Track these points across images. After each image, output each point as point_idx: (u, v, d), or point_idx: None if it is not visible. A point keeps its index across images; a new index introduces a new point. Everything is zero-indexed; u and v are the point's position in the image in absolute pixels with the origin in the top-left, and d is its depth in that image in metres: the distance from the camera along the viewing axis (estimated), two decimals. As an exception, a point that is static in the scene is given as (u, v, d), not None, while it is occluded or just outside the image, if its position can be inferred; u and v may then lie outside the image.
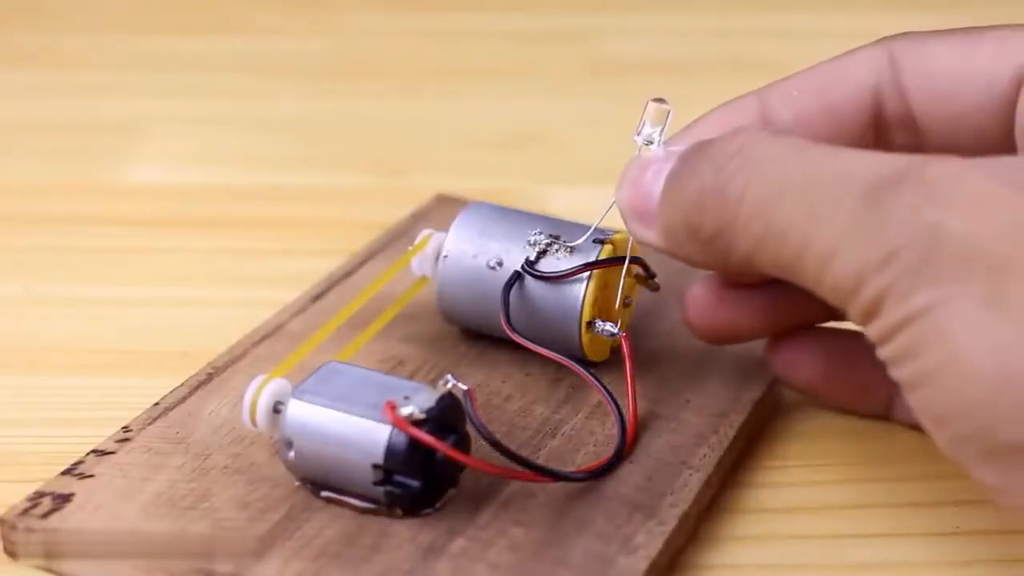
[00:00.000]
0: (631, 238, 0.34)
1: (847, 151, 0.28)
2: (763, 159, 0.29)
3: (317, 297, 0.40)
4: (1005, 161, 0.27)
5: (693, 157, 0.31)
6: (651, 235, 0.32)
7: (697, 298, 0.35)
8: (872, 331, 0.27)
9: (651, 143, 0.33)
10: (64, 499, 0.31)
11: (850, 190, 0.27)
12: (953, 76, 0.32)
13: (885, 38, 0.33)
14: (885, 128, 0.33)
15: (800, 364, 0.36)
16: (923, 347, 0.26)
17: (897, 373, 0.27)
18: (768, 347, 0.36)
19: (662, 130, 0.33)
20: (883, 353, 0.27)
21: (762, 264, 0.29)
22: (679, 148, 0.31)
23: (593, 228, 0.35)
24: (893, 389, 0.35)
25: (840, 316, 0.35)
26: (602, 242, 0.35)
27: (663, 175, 0.31)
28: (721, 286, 0.35)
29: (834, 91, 0.33)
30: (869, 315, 0.27)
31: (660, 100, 0.33)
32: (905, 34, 0.33)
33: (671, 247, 0.31)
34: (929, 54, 0.32)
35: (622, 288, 0.36)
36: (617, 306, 0.36)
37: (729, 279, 0.35)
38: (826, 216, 0.27)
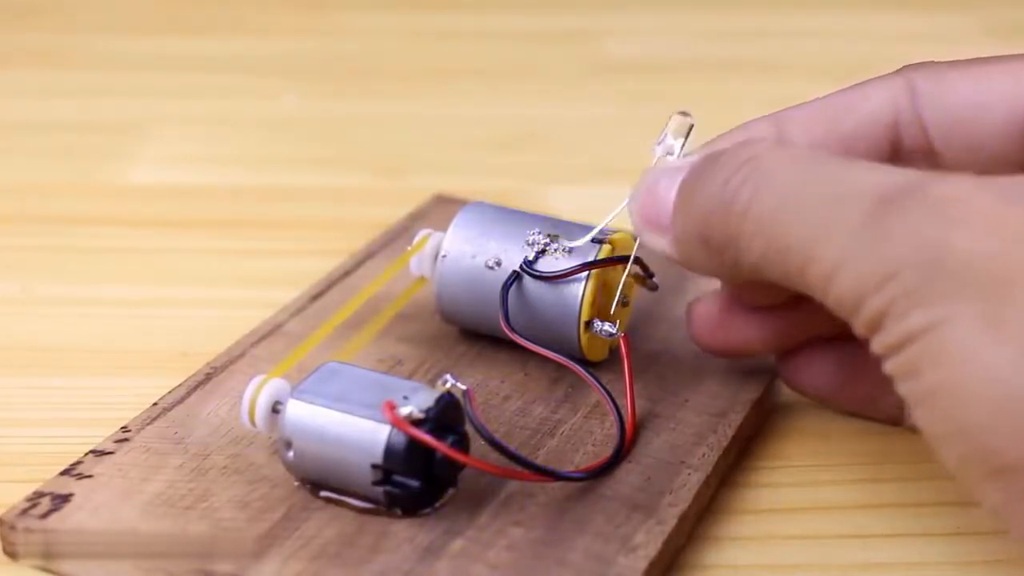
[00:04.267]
0: (637, 240, 0.34)
1: (855, 165, 0.28)
2: (770, 172, 0.29)
3: (316, 297, 0.40)
4: (1016, 180, 0.27)
5: (703, 167, 0.31)
6: (664, 245, 0.32)
7: (704, 314, 0.35)
8: (876, 345, 0.27)
9: (670, 155, 0.33)
10: (63, 499, 0.31)
11: (854, 207, 0.27)
12: (973, 106, 0.32)
13: (904, 67, 0.33)
14: (903, 157, 0.33)
15: (810, 374, 0.36)
16: (923, 367, 0.26)
17: (901, 389, 0.27)
18: (778, 356, 0.36)
19: (683, 143, 0.33)
20: (887, 368, 0.27)
21: (770, 275, 0.29)
22: (692, 159, 0.32)
23: (597, 229, 0.35)
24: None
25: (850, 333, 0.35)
26: (601, 242, 0.35)
27: (675, 186, 0.31)
28: (730, 304, 0.35)
29: (849, 120, 0.33)
30: (872, 330, 0.27)
31: (684, 113, 0.34)
32: (924, 64, 0.33)
33: (684, 258, 0.31)
34: (948, 84, 0.32)
35: (622, 285, 0.35)
36: (615, 306, 0.36)
37: (740, 299, 0.35)
38: (829, 232, 0.27)
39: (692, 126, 0.33)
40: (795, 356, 0.36)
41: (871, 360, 0.32)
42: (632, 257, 0.36)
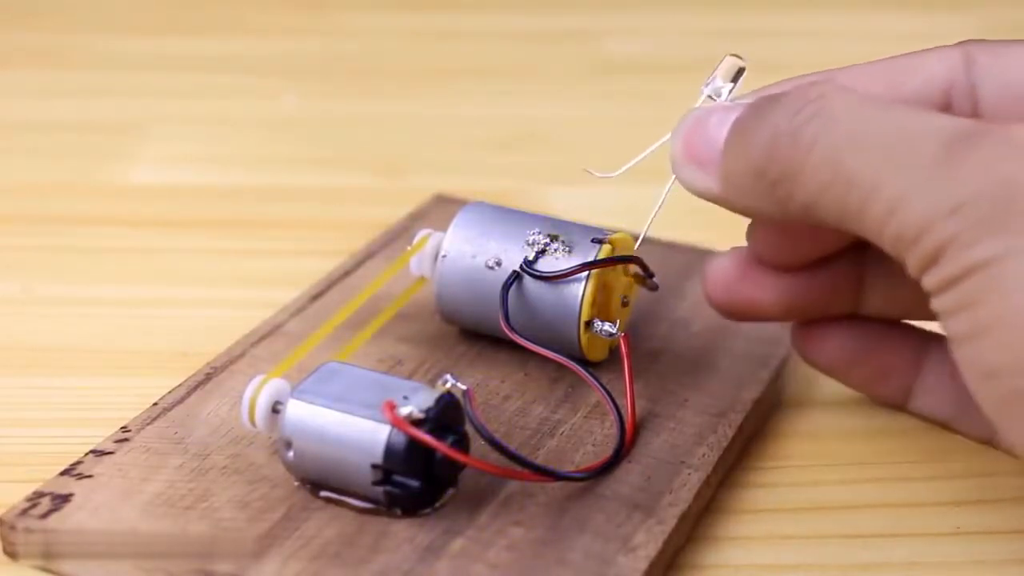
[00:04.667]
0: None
1: (927, 111, 0.28)
2: (841, 108, 0.29)
3: (316, 297, 0.40)
4: None
5: (766, 105, 0.30)
6: (709, 181, 0.31)
7: (720, 271, 0.35)
8: (929, 280, 0.27)
9: (718, 97, 0.33)
10: (63, 499, 0.31)
11: (926, 143, 0.27)
12: None
13: (963, 41, 0.33)
14: None
15: (823, 346, 0.36)
16: (982, 298, 0.26)
17: (951, 325, 0.27)
18: (793, 326, 0.36)
19: (733, 87, 0.33)
20: (938, 304, 0.27)
21: (824, 211, 0.29)
22: (747, 101, 0.31)
23: (635, 162, 0.34)
24: (914, 377, 0.35)
25: (864, 310, 0.35)
26: (600, 242, 0.35)
27: (728, 123, 0.31)
28: (747, 263, 0.35)
29: (904, 84, 0.32)
30: (929, 264, 0.27)
31: (737, 56, 0.33)
32: (983, 40, 0.33)
33: (729, 194, 0.31)
34: (1007, 57, 0.32)
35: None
36: (608, 305, 0.36)
37: (759, 258, 0.34)
38: (900, 164, 0.27)
39: (743, 69, 0.33)
40: (810, 327, 0.36)
41: (885, 336, 0.32)
42: (632, 257, 0.36)
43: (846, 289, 0.35)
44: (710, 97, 0.33)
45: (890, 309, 0.35)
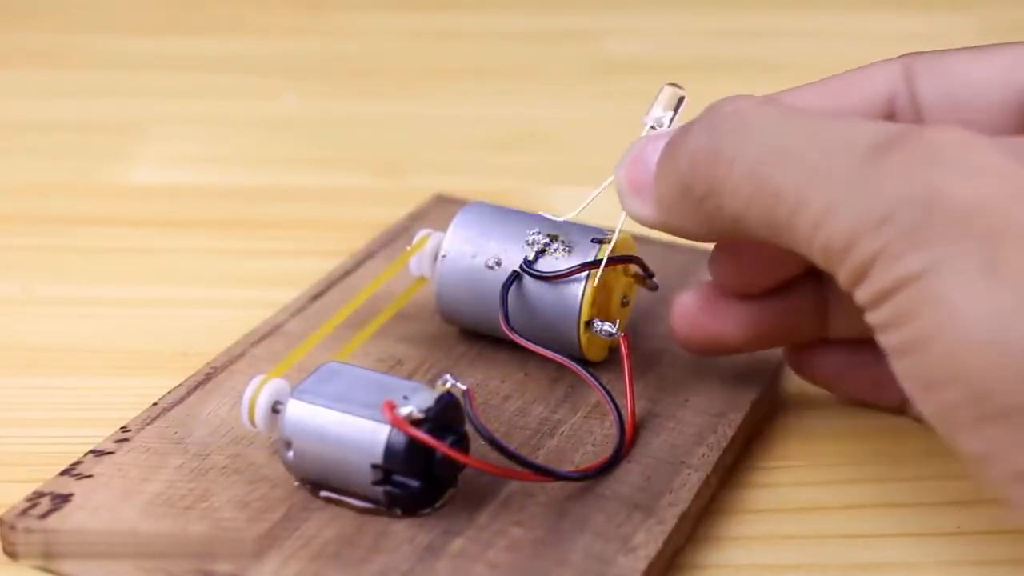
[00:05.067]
0: (619, 226, 0.34)
1: (848, 117, 0.28)
2: (760, 122, 0.29)
3: (316, 297, 0.40)
4: (1009, 140, 0.27)
5: (688, 124, 0.31)
6: (646, 208, 0.32)
7: (684, 307, 0.35)
8: (861, 295, 0.27)
9: (660, 127, 0.33)
10: (63, 499, 0.31)
11: (849, 151, 0.27)
12: (967, 85, 0.32)
13: (905, 54, 0.33)
14: None
15: (817, 362, 0.36)
16: (915, 312, 0.26)
17: (885, 339, 0.27)
18: (786, 346, 0.36)
19: (674, 115, 0.33)
20: (871, 318, 0.27)
21: (753, 225, 0.29)
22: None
23: (585, 205, 0.35)
24: None
25: (831, 334, 0.35)
26: (600, 242, 0.35)
27: (660, 148, 0.31)
28: (708, 296, 0.35)
29: (848, 99, 0.33)
30: (859, 278, 0.27)
31: (675, 85, 0.33)
32: (923, 52, 0.33)
33: (663, 216, 0.31)
34: (945, 65, 0.32)
35: (600, 275, 0.35)
36: (608, 305, 0.36)
37: (723, 288, 0.35)
38: (822, 176, 0.27)
39: (683, 98, 0.33)
40: (802, 344, 0.36)
41: (877, 348, 0.32)
42: (632, 257, 0.36)
43: (811, 313, 0.35)
44: (652, 128, 0.33)
45: (856, 331, 0.34)
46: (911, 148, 0.26)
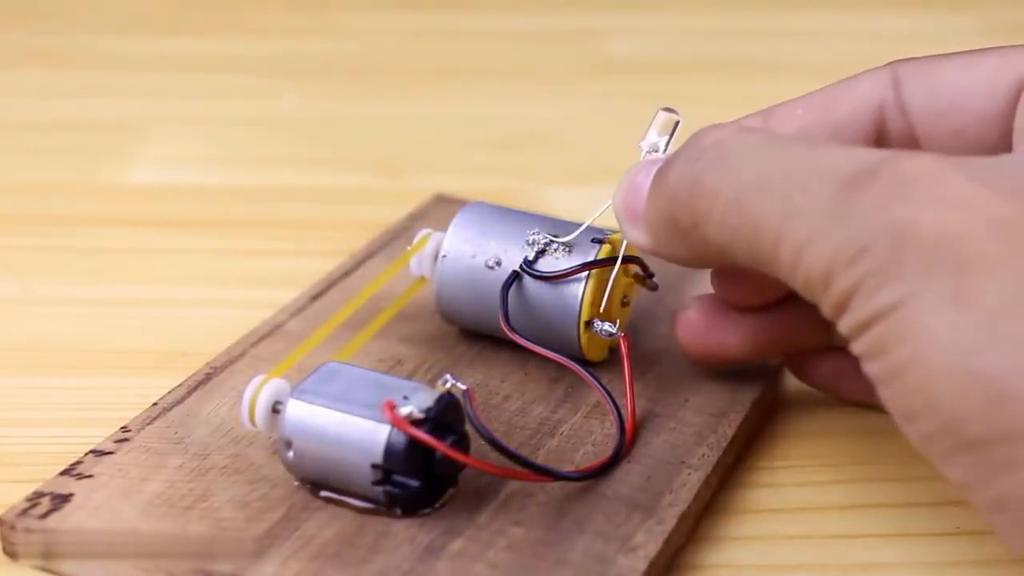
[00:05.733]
0: (624, 240, 0.34)
1: (824, 145, 0.29)
2: (739, 153, 0.29)
3: (316, 297, 0.40)
4: (985, 160, 0.28)
5: (674, 154, 0.31)
6: (639, 234, 0.32)
7: (688, 321, 0.35)
8: (843, 325, 0.27)
9: (656, 151, 0.33)
10: (63, 499, 0.31)
11: (824, 184, 0.27)
12: (954, 92, 0.32)
13: (891, 62, 0.33)
14: (888, 144, 0.33)
15: (816, 365, 0.36)
16: (890, 344, 0.26)
17: (868, 368, 0.27)
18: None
19: (669, 140, 0.33)
20: (855, 348, 0.27)
21: (739, 255, 0.29)
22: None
23: (585, 225, 0.35)
24: None
25: (836, 341, 0.35)
26: (600, 242, 0.35)
27: (651, 176, 0.32)
28: (712, 309, 0.35)
29: (838, 110, 0.33)
30: (840, 309, 0.27)
31: (670, 110, 0.34)
32: (911, 58, 0.33)
33: (655, 244, 0.32)
34: (931, 72, 0.32)
35: (613, 283, 0.35)
36: (608, 305, 0.36)
37: (725, 301, 0.35)
38: (799, 210, 0.27)
39: (678, 123, 0.33)
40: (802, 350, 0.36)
41: None
42: (632, 257, 0.36)
43: (814, 322, 0.35)
44: (652, 151, 0.33)
45: None
46: (883, 181, 0.27)
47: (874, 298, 0.26)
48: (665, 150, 0.33)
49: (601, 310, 0.35)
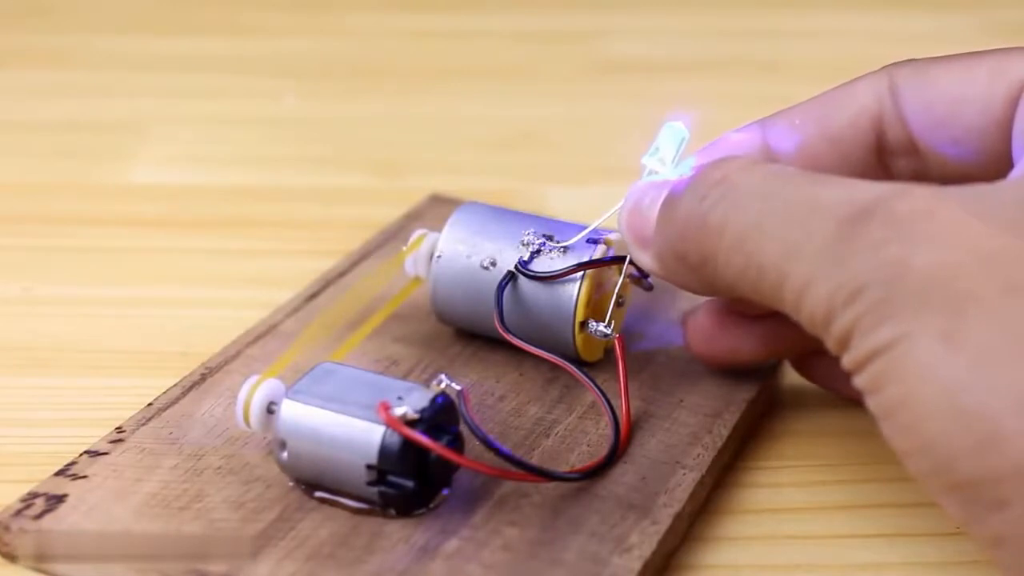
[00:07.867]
0: (629, 256, 0.34)
1: (825, 181, 0.29)
2: (744, 191, 0.29)
3: (311, 297, 0.40)
4: (981, 189, 0.28)
5: (680, 189, 0.31)
6: (649, 261, 0.32)
7: (698, 325, 0.36)
8: (845, 362, 0.27)
9: (662, 165, 0.33)
10: (57, 500, 0.31)
11: (823, 224, 0.27)
12: (952, 100, 0.32)
13: (888, 65, 0.33)
14: (887, 153, 0.33)
15: (819, 363, 0.36)
16: (885, 382, 0.26)
17: (869, 403, 0.27)
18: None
19: (675, 155, 0.33)
20: (856, 383, 0.27)
21: (746, 291, 0.29)
22: (679, 173, 0.32)
23: (586, 232, 0.35)
24: None
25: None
26: (596, 242, 0.35)
27: (659, 202, 0.32)
28: (722, 314, 0.35)
29: (835, 119, 0.33)
30: (842, 346, 0.27)
31: (677, 120, 0.33)
32: (907, 61, 0.33)
33: (665, 274, 0.32)
34: (929, 80, 0.32)
35: (619, 287, 0.35)
36: (611, 306, 0.36)
37: (731, 306, 0.35)
38: (800, 250, 0.28)
39: (684, 139, 0.33)
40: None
41: None
42: (616, 256, 0.36)
43: None
44: (652, 170, 0.33)
45: None
46: (878, 221, 0.27)
47: (870, 337, 0.26)
48: (671, 166, 0.33)
49: (609, 307, 0.35)
